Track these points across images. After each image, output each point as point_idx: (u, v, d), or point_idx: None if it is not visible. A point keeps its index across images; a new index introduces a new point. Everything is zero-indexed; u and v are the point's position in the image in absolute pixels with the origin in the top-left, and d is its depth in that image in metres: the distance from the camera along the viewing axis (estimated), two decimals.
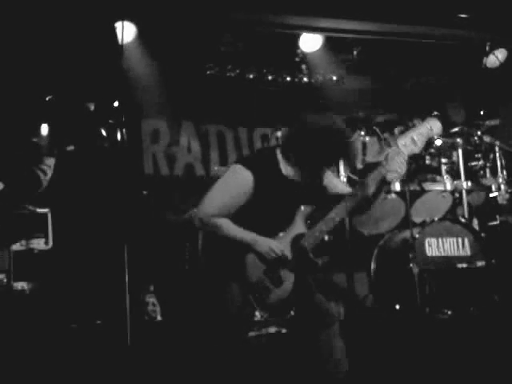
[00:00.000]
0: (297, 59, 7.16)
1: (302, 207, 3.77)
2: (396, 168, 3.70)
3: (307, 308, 3.77)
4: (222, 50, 6.83)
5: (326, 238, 3.78)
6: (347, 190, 3.88)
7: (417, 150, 3.73)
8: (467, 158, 5.94)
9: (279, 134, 5.90)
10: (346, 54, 7.21)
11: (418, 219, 5.65)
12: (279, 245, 3.68)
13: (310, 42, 6.89)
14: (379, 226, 5.97)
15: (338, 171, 5.70)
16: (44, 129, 6.22)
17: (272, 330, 4.08)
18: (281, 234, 3.74)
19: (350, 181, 5.68)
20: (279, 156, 3.77)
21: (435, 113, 6.01)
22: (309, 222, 3.77)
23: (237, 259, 3.67)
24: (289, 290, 3.69)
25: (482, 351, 4.61)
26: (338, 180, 4.17)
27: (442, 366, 4.50)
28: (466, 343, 4.71)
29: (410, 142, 3.72)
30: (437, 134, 3.85)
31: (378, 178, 3.74)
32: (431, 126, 3.75)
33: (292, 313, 3.72)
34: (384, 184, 3.77)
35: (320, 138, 3.64)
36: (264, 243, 3.66)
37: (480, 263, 5.42)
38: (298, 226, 3.75)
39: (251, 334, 3.94)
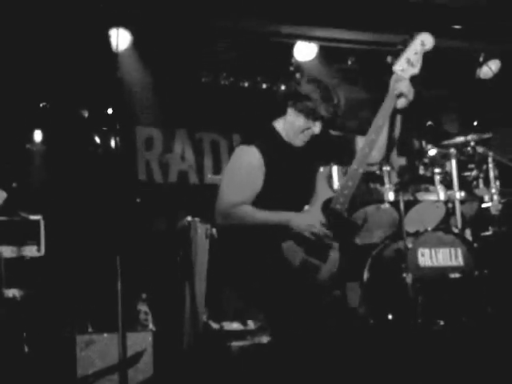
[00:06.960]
0: (291, 68, 7.16)
1: (320, 169, 3.53)
2: (402, 92, 3.52)
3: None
4: (217, 58, 6.83)
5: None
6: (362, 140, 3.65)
7: (416, 70, 3.55)
8: (460, 168, 5.94)
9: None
10: (341, 63, 7.22)
11: (411, 229, 5.64)
12: (314, 217, 3.43)
13: (305, 51, 6.90)
14: (372, 236, 5.96)
15: None
16: (37, 135, 6.23)
17: (264, 340, 3.98)
18: (306, 207, 3.49)
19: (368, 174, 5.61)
20: (277, 126, 3.68)
21: (429, 123, 6.03)
22: (331, 182, 3.55)
23: (272, 249, 3.43)
24: (337, 260, 3.50)
25: (474, 362, 4.60)
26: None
27: (434, 377, 4.50)
28: (459, 354, 4.71)
29: (407, 64, 3.55)
30: (430, 47, 3.57)
31: (387, 113, 3.55)
32: (422, 41, 3.56)
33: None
34: (397, 114, 3.60)
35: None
36: (300, 219, 3.43)
37: (473, 274, 5.41)
38: (323, 191, 3.50)
39: (237, 344, 3.80)
